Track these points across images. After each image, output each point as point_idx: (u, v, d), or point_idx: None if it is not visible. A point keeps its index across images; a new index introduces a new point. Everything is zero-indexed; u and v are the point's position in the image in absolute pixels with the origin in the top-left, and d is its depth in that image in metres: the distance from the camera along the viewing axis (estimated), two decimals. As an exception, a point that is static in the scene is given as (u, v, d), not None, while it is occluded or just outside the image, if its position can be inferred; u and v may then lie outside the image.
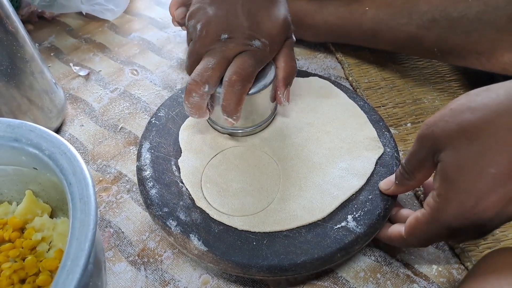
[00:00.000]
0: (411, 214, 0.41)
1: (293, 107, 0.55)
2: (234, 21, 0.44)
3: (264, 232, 0.43)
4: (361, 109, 0.55)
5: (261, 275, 0.41)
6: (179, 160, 0.49)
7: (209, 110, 0.48)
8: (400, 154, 0.55)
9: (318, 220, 0.44)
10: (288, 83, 0.49)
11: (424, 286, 0.45)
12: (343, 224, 0.43)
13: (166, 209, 0.44)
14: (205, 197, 0.45)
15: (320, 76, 0.60)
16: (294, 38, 0.51)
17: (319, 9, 0.70)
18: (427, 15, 0.59)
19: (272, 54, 0.47)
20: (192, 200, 0.45)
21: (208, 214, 0.44)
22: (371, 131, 0.52)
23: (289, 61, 0.48)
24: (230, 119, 0.46)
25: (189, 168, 0.48)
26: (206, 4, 0.46)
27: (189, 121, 0.53)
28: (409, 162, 0.40)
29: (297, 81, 0.59)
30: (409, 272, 0.46)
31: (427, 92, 0.67)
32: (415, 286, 0.45)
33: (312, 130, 0.52)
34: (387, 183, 0.45)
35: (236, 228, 0.43)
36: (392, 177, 0.44)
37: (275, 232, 0.43)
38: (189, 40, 0.48)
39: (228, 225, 0.43)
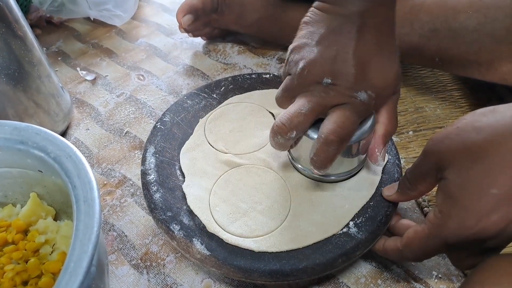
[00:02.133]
0: (410, 226, 0.41)
1: None
2: (341, 66, 0.39)
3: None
4: None
5: (263, 280, 0.41)
6: (183, 186, 0.48)
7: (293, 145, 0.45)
8: (402, 162, 0.56)
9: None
10: (387, 141, 0.44)
11: (424, 293, 0.45)
12: (344, 230, 0.43)
13: (169, 213, 0.45)
14: (216, 222, 0.45)
15: None
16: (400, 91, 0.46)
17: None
18: (428, 25, 0.60)
19: (377, 107, 0.43)
20: (203, 225, 0.45)
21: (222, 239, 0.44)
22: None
23: (393, 118, 0.43)
24: (316, 171, 0.42)
25: (195, 193, 0.47)
26: (314, 42, 0.41)
27: (189, 144, 0.53)
28: (413, 174, 0.41)
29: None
30: (409, 279, 0.46)
31: (429, 101, 0.67)
32: (415, 293, 0.45)
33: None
34: (390, 189, 0.45)
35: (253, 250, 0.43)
36: (396, 184, 0.45)
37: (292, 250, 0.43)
38: (286, 74, 0.44)
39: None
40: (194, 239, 0.43)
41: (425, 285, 0.45)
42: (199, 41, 0.82)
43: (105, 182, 0.56)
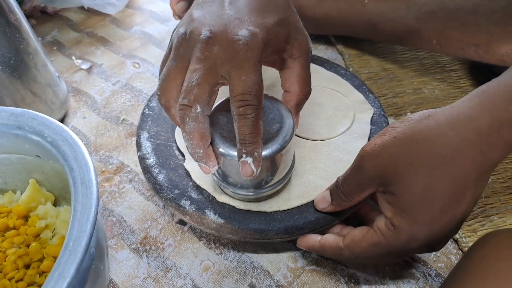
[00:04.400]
0: (359, 228, 0.40)
1: (280, 89, 0.55)
2: (215, 14, 0.37)
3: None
4: (343, 78, 0.60)
5: (279, 237, 0.43)
6: (185, 164, 0.48)
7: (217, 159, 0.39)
8: (389, 120, 0.60)
9: None
10: (299, 110, 0.42)
11: (422, 271, 0.45)
12: None
13: (177, 191, 0.46)
14: (224, 191, 0.46)
15: None
16: (310, 47, 0.42)
17: (319, 2, 0.70)
18: (425, 7, 0.60)
19: (266, 47, 0.37)
20: (213, 197, 0.45)
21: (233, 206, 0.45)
22: (358, 95, 0.57)
23: (304, 86, 0.41)
24: (254, 162, 0.36)
25: (198, 168, 0.46)
26: (193, 7, 0.40)
27: None
28: (348, 186, 0.40)
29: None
30: (408, 258, 0.46)
31: (427, 82, 0.67)
32: (413, 271, 0.45)
33: (305, 105, 0.53)
34: (323, 201, 0.43)
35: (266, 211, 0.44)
36: (327, 195, 0.42)
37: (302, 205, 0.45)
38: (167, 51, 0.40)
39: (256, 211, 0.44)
40: (206, 210, 0.44)
41: (423, 264, 0.46)
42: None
43: (103, 169, 0.56)
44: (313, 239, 0.43)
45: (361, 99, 0.56)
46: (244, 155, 0.35)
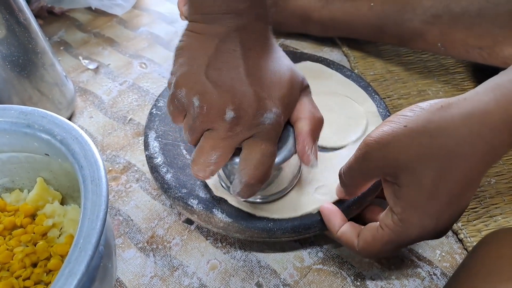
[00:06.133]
0: (368, 227, 0.39)
1: None
2: (239, 89, 0.35)
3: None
4: (348, 79, 0.60)
5: (286, 236, 0.43)
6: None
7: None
8: None
9: None
10: (316, 137, 0.40)
11: (428, 270, 0.45)
12: None
13: (184, 190, 0.46)
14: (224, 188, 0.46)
15: (311, 59, 0.63)
16: (308, 83, 0.42)
17: (325, 4, 0.70)
18: (431, 10, 0.60)
19: (286, 118, 0.39)
20: (221, 197, 0.46)
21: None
22: (371, 106, 0.55)
23: (315, 112, 0.40)
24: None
25: None
26: (201, 69, 0.36)
27: None
28: (351, 177, 0.39)
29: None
30: (413, 257, 0.46)
31: (431, 84, 0.67)
32: (419, 270, 0.45)
33: None
34: (339, 192, 0.44)
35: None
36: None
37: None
38: (179, 111, 0.38)
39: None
40: (214, 209, 0.44)
41: (428, 263, 0.46)
42: (201, 29, 0.82)
43: (110, 168, 0.57)
44: (335, 224, 0.42)
45: (373, 110, 0.55)
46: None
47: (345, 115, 0.54)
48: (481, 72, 0.69)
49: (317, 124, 0.40)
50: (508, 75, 0.34)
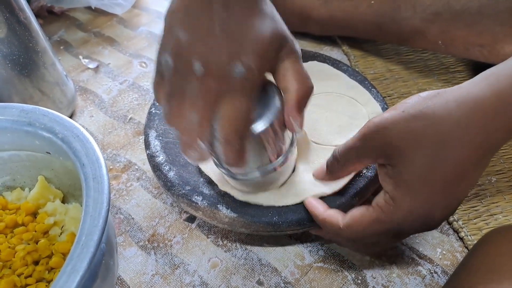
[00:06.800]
0: (359, 207, 0.39)
1: None
2: (208, 41, 0.34)
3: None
4: (345, 73, 0.59)
5: (291, 229, 0.43)
6: None
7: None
8: None
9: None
10: (304, 107, 0.38)
11: (429, 268, 0.45)
12: None
13: (188, 187, 0.46)
14: (227, 181, 0.46)
15: (318, 59, 0.62)
16: (299, 50, 0.39)
17: (324, 3, 0.70)
18: (431, 8, 0.60)
19: (262, 74, 0.37)
20: (225, 192, 0.46)
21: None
22: (376, 107, 0.55)
23: (302, 80, 0.38)
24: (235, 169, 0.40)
25: (209, 164, 0.47)
26: (178, 25, 0.35)
27: None
28: (346, 156, 0.40)
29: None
30: (414, 256, 0.46)
31: (431, 83, 0.67)
32: (420, 268, 0.45)
33: (320, 110, 0.54)
34: (320, 173, 0.44)
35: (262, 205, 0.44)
36: (324, 166, 0.43)
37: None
38: (159, 83, 0.37)
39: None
40: (218, 205, 0.44)
41: (429, 262, 0.46)
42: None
43: (111, 167, 0.57)
44: (318, 209, 0.42)
45: (377, 111, 0.54)
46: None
47: (348, 115, 0.54)
48: (481, 71, 0.68)
49: (304, 94, 0.38)
50: (505, 64, 0.34)
